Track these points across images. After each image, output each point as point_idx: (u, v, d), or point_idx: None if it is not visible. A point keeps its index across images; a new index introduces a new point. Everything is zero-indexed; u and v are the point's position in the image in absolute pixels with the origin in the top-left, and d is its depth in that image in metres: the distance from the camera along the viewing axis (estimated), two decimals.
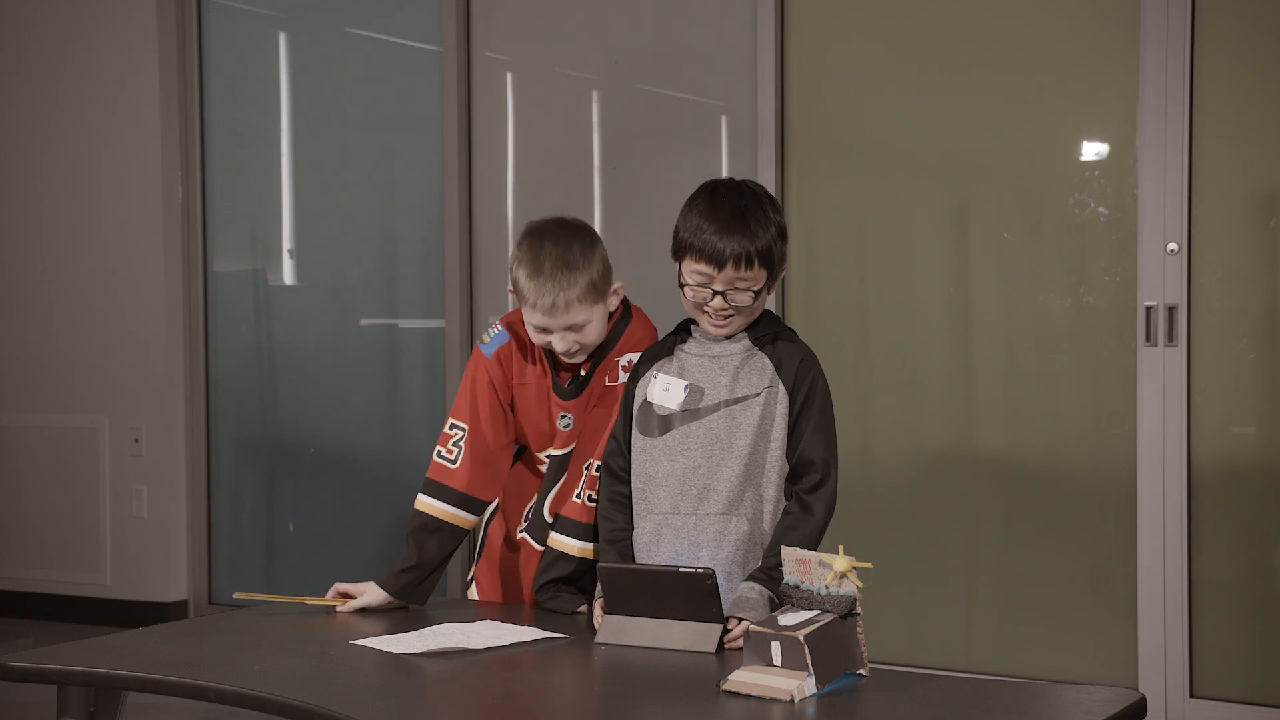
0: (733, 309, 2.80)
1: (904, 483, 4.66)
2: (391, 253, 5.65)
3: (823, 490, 2.76)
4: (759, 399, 2.79)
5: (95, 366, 6.06)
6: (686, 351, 2.88)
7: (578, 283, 2.91)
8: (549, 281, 2.90)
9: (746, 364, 2.82)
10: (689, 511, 2.80)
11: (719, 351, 2.85)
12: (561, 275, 2.90)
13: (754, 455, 2.78)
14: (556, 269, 2.91)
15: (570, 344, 2.94)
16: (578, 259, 2.93)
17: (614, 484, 2.93)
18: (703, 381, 2.83)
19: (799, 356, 2.83)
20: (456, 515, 3.01)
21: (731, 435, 2.79)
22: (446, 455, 3.03)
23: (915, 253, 4.66)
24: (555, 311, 2.90)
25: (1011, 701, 2.35)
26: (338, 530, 5.74)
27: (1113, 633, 4.38)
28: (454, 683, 2.45)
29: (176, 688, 2.48)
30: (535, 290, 2.91)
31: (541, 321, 2.92)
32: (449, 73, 5.40)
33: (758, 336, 2.85)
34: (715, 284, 2.79)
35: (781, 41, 4.81)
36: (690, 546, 2.78)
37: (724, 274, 2.78)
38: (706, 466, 2.79)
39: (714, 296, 2.79)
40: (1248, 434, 4.21)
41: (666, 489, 2.82)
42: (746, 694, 2.28)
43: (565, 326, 2.92)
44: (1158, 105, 4.25)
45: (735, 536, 2.78)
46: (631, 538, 2.88)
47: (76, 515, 6.08)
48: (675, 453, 2.82)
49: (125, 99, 5.99)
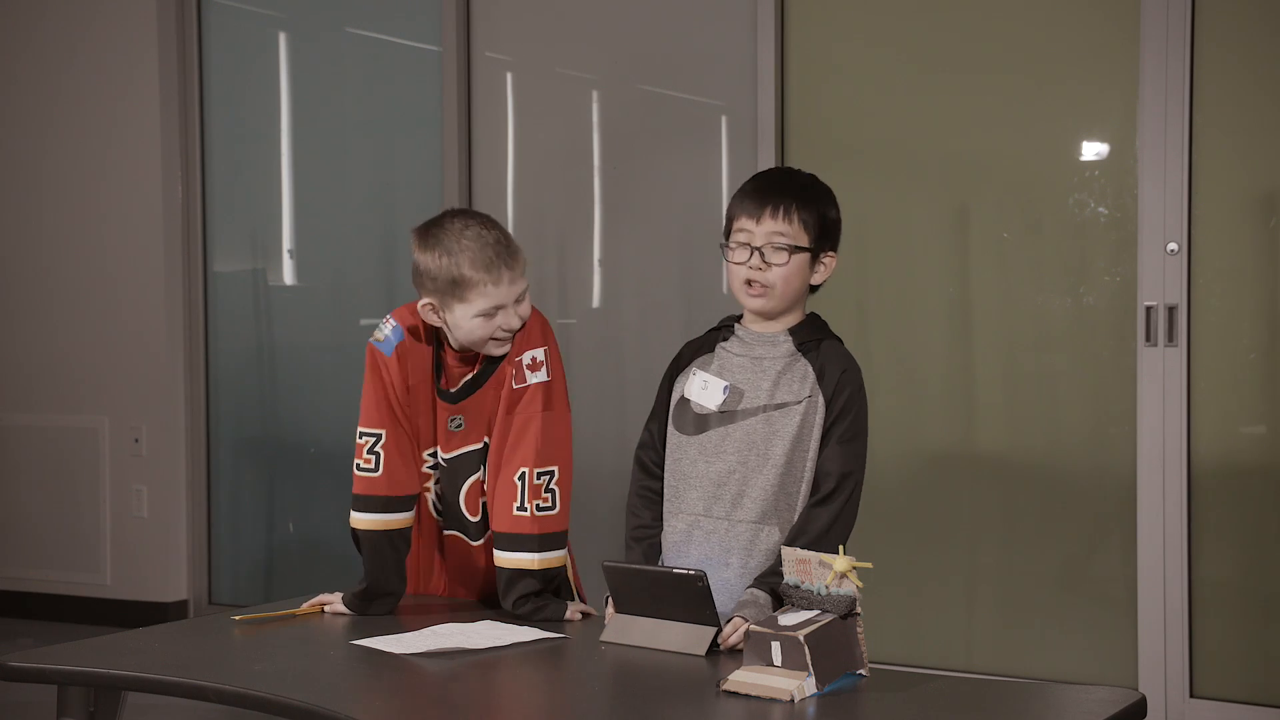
0: (770, 270, 2.74)
1: (904, 483, 4.66)
2: (391, 253, 5.64)
3: (830, 504, 2.69)
4: (799, 407, 2.73)
5: (95, 366, 6.06)
6: (728, 350, 2.83)
7: (517, 249, 2.96)
8: (497, 257, 2.91)
9: (789, 370, 2.76)
10: (722, 516, 2.76)
11: (762, 353, 2.79)
12: (503, 247, 2.93)
13: (790, 465, 2.73)
14: (500, 243, 2.93)
15: (519, 319, 2.92)
16: (498, 230, 2.97)
17: (645, 478, 2.88)
18: (743, 383, 2.77)
19: (841, 367, 2.76)
20: (391, 520, 2.98)
21: (769, 442, 2.73)
22: (366, 466, 2.98)
23: (915, 253, 4.66)
24: (516, 282, 2.91)
25: (1011, 701, 2.35)
26: (338, 530, 5.73)
27: (1113, 633, 4.38)
28: (454, 683, 2.45)
29: (176, 688, 2.48)
30: (487, 269, 2.90)
31: (497, 299, 2.90)
32: (449, 73, 5.40)
33: (802, 342, 2.79)
34: (755, 239, 2.75)
35: (781, 41, 4.81)
36: (721, 552, 2.74)
37: (762, 226, 2.74)
38: (742, 472, 2.74)
39: (752, 254, 2.75)
40: (1248, 434, 4.21)
41: (700, 490, 2.77)
42: (746, 694, 2.28)
43: (515, 299, 2.92)
44: (1158, 105, 4.25)
45: (766, 546, 2.73)
46: (659, 536, 2.84)
47: (76, 515, 6.08)
48: (711, 454, 2.77)
49: (125, 99, 5.99)
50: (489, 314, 2.91)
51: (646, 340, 5.09)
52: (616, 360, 5.21)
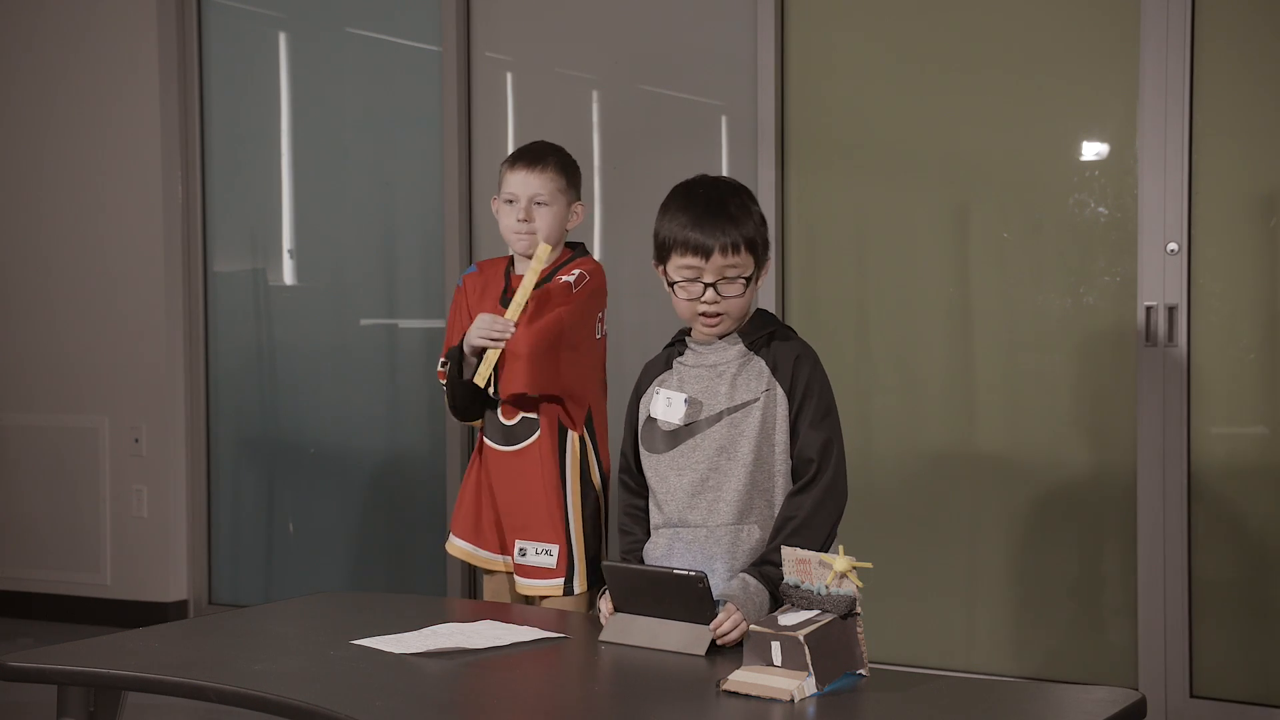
0: (724, 301, 2.79)
1: (904, 483, 4.66)
2: (391, 253, 5.64)
3: (814, 488, 2.73)
4: (758, 404, 2.78)
5: (95, 366, 6.06)
6: (684, 363, 2.88)
7: (549, 156, 3.53)
8: (525, 153, 3.54)
9: (743, 370, 2.80)
10: (700, 524, 2.78)
11: (715, 360, 2.83)
12: (535, 152, 3.54)
13: (759, 461, 2.77)
14: (534, 150, 3.56)
15: (529, 215, 3.46)
16: (558, 150, 3.58)
17: (630, 497, 2.94)
18: (701, 393, 2.81)
19: (794, 354, 2.81)
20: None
21: (735, 443, 2.77)
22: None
23: (915, 253, 4.66)
24: (532, 182, 3.48)
25: (1011, 701, 2.35)
26: (338, 530, 5.74)
27: (1113, 633, 4.38)
28: (454, 683, 2.45)
29: (176, 688, 2.48)
30: (513, 161, 3.54)
31: (510, 187, 3.50)
32: (449, 73, 5.40)
33: (752, 340, 2.83)
34: (705, 275, 2.78)
35: (781, 41, 4.81)
36: (704, 558, 2.76)
37: (712, 263, 2.77)
38: (714, 477, 2.78)
39: (705, 290, 2.78)
40: (1247, 434, 4.21)
41: (676, 503, 2.81)
42: (746, 694, 2.28)
43: (531, 196, 3.48)
44: (1158, 105, 4.25)
45: (749, 545, 2.76)
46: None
47: (76, 515, 6.08)
48: (683, 467, 2.81)
49: (125, 99, 5.99)
50: (508, 200, 3.52)
51: (647, 340, 5.09)
52: (617, 360, 5.20)
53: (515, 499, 3.48)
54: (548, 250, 3.38)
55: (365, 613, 2.97)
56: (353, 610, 3.03)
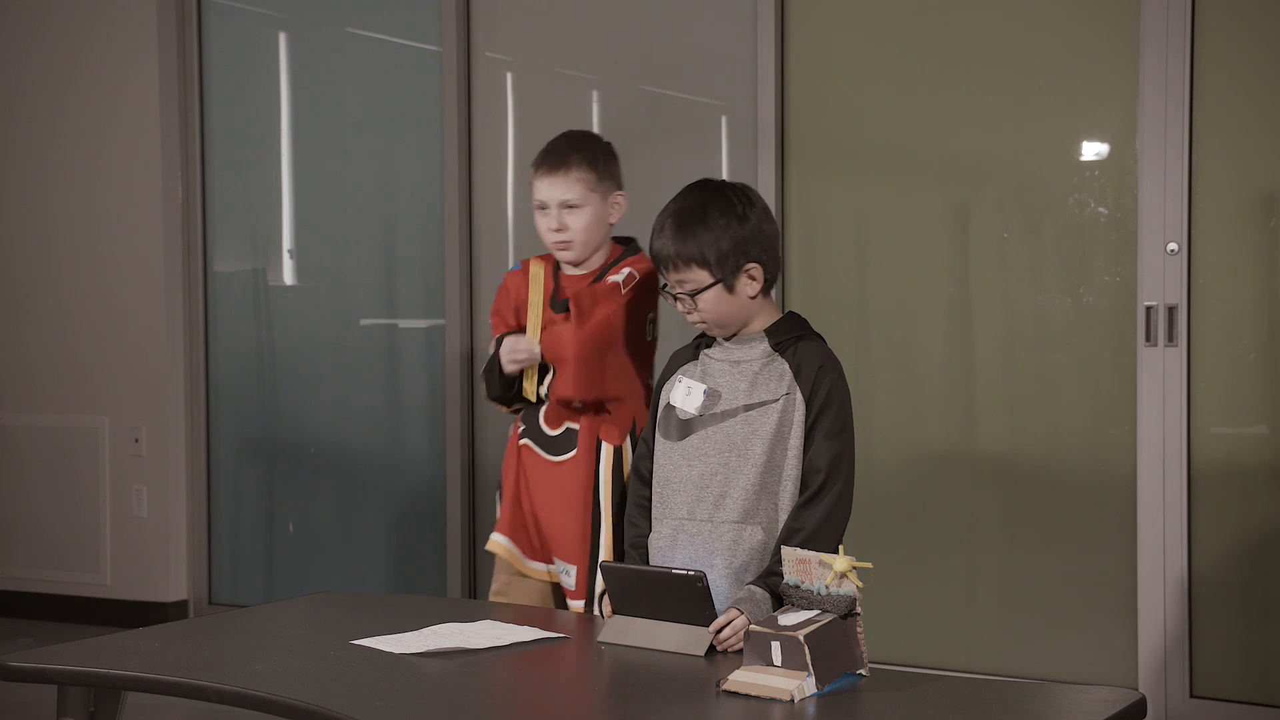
0: (698, 312, 2.82)
1: (904, 483, 4.66)
2: (391, 253, 5.64)
3: (821, 500, 2.72)
4: (776, 405, 2.77)
5: (95, 366, 6.06)
6: (710, 356, 2.88)
7: (571, 155, 3.31)
8: (547, 156, 3.33)
9: (766, 369, 2.80)
10: (705, 518, 2.78)
11: (740, 356, 2.83)
12: (557, 153, 3.33)
13: (770, 463, 2.75)
14: (555, 149, 3.34)
15: (562, 223, 3.29)
16: (582, 143, 3.35)
17: (641, 488, 2.93)
18: (722, 386, 2.81)
19: (818, 362, 2.80)
20: None
21: (748, 441, 2.76)
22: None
23: (915, 253, 4.66)
24: (558, 185, 3.29)
25: (1011, 701, 2.35)
26: (338, 530, 5.74)
27: (1113, 633, 4.38)
28: (454, 683, 2.45)
29: (176, 688, 2.48)
30: (536, 164, 3.34)
31: (539, 193, 3.32)
32: (449, 73, 5.40)
33: (778, 341, 2.83)
34: (670, 287, 2.84)
35: (781, 41, 4.81)
36: (705, 554, 2.76)
37: (670, 276, 2.83)
38: (723, 473, 2.77)
39: (674, 300, 2.84)
40: (1247, 434, 4.21)
41: (683, 494, 2.81)
42: (746, 694, 2.28)
43: (560, 202, 3.29)
44: (1158, 105, 4.25)
45: (749, 545, 2.75)
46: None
47: (76, 515, 6.08)
48: (693, 457, 2.80)
49: (125, 99, 5.99)
50: (540, 207, 3.34)
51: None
52: None
53: (549, 512, 3.39)
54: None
55: (365, 613, 2.96)
56: (352, 610, 3.03)
